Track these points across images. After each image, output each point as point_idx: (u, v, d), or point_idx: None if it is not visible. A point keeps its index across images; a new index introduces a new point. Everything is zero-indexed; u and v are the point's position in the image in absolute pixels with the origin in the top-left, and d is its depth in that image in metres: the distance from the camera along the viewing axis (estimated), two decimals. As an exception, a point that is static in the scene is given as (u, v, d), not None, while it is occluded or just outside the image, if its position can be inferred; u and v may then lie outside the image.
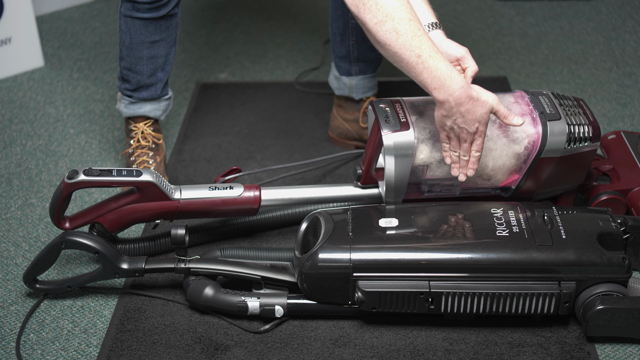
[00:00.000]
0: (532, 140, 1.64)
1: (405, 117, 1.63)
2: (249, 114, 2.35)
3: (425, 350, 1.54)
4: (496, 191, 1.72)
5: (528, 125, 1.64)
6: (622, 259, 1.53)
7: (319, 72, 2.58)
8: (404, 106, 1.66)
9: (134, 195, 1.65)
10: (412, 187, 1.68)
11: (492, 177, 1.68)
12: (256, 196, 1.71)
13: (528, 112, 1.66)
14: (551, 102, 1.68)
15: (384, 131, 1.61)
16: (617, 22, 2.86)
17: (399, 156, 1.62)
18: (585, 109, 1.71)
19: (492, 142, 1.64)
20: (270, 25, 2.90)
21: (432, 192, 1.69)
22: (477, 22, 2.88)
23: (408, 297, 1.53)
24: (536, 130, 1.64)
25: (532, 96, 1.69)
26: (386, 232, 1.57)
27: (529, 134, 1.64)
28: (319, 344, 1.56)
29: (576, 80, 2.50)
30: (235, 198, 1.70)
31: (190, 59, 2.67)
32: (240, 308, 1.59)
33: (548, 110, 1.65)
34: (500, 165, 1.66)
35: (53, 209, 1.65)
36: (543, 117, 1.64)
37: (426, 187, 1.68)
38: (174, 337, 1.58)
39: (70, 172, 1.61)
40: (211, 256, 1.69)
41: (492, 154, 1.65)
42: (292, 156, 2.14)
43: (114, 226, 1.67)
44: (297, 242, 1.62)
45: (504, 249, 1.53)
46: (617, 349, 1.55)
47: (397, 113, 1.65)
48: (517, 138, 1.64)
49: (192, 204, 1.68)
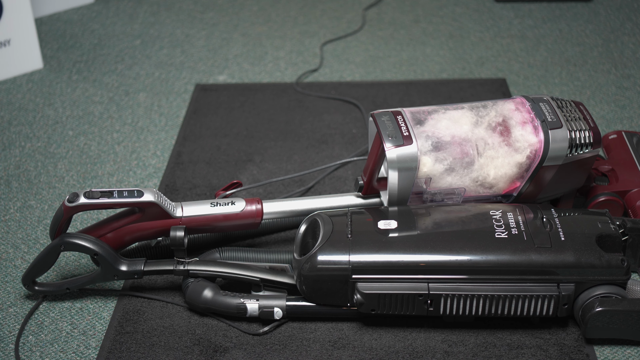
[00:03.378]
0: (534, 149, 1.64)
1: (407, 131, 1.63)
2: (248, 115, 2.35)
3: (424, 352, 1.54)
4: (497, 198, 1.72)
5: (530, 134, 1.64)
6: (620, 261, 1.53)
7: (318, 74, 2.58)
8: (405, 118, 1.66)
9: (135, 215, 1.65)
10: (415, 198, 1.68)
11: (494, 186, 1.68)
12: (258, 210, 1.71)
13: (529, 120, 1.66)
14: (552, 109, 1.67)
15: (387, 145, 1.61)
16: (616, 25, 2.86)
17: (402, 170, 1.62)
18: (585, 114, 1.71)
19: (494, 151, 1.65)
20: (269, 27, 2.90)
21: (434, 201, 1.69)
22: (476, 24, 2.88)
23: (407, 299, 1.53)
24: (538, 139, 1.64)
25: (532, 103, 1.69)
26: (385, 234, 1.57)
27: (531, 143, 1.64)
28: (318, 346, 1.56)
29: (575, 82, 2.51)
30: (238, 213, 1.70)
31: (189, 61, 2.67)
32: (239, 310, 1.59)
33: (549, 118, 1.65)
34: (502, 175, 1.66)
35: (53, 232, 1.65)
36: (545, 126, 1.64)
37: (429, 196, 1.68)
38: (172, 339, 1.58)
39: (70, 195, 1.60)
40: (210, 258, 1.69)
41: (494, 163, 1.65)
42: (291, 158, 2.14)
43: (115, 245, 1.67)
44: (296, 244, 1.62)
45: (502, 251, 1.53)
46: (615, 351, 1.55)
47: (399, 126, 1.64)
48: (519, 147, 1.64)
49: (194, 221, 1.68)
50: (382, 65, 2.64)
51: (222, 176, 2.06)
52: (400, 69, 2.61)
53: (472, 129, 1.66)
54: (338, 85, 2.50)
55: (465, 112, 1.68)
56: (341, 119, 2.32)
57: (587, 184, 1.83)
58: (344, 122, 2.30)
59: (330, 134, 2.25)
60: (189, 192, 2.01)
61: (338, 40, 2.80)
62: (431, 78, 2.54)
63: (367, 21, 2.93)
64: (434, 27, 2.88)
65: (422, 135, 1.63)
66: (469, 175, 1.65)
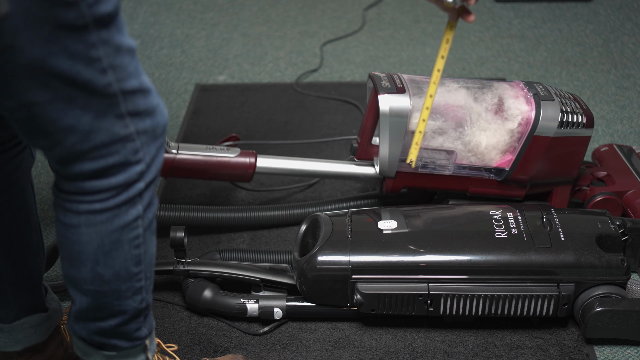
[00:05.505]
0: (525, 117, 1.67)
1: (402, 83, 1.69)
2: (248, 116, 2.35)
3: (424, 352, 1.54)
4: (490, 174, 1.73)
5: (522, 104, 1.68)
6: (620, 261, 1.53)
7: (318, 74, 2.58)
8: (402, 77, 1.73)
9: None
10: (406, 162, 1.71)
11: (486, 155, 1.70)
12: (251, 162, 1.75)
13: (522, 95, 1.70)
14: (545, 88, 1.72)
15: (380, 94, 1.65)
16: (616, 25, 2.86)
17: (394, 116, 1.65)
18: (579, 100, 1.75)
19: (487, 123, 1.68)
20: (269, 27, 2.90)
21: (425, 168, 1.71)
22: (476, 24, 2.89)
23: (407, 299, 1.53)
24: (530, 108, 1.67)
25: (526, 83, 1.74)
26: (385, 234, 1.57)
27: (522, 111, 1.68)
28: (318, 346, 1.56)
29: (575, 82, 2.51)
30: (230, 160, 1.72)
31: (189, 61, 2.67)
32: (239, 310, 1.59)
33: (542, 93, 1.69)
34: (494, 143, 1.69)
35: None
36: (537, 98, 1.68)
37: (420, 162, 1.71)
38: (173, 339, 1.58)
39: None
40: (210, 258, 1.69)
41: (486, 133, 1.68)
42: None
43: None
44: (296, 244, 1.62)
45: (502, 251, 1.53)
46: (615, 350, 1.55)
47: (394, 80, 1.71)
48: (510, 115, 1.68)
49: (187, 161, 1.68)
50: (382, 65, 2.64)
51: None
52: (400, 69, 2.61)
53: (468, 101, 1.69)
54: (338, 85, 2.51)
55: (462, 89, 1.71)
56: (341, 119, 2.32)
57: (583, 185, 1.83)
58: (344, 122, 2.30)
59: (330, 134, 2.25)
60: (189, 192, 2.01)
61: (338, 40, 2.80)
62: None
63: (367, 21, 2.93)
64: (434, 27, 2.89)
65: (418, 92, 1.68)
66: (461, 139, 1.68)
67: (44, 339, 1.39)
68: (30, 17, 0.92)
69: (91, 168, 1.05)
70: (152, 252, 1.16)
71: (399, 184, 1.73)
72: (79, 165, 1.04)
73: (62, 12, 0.94)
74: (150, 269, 1.17)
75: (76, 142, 1.03)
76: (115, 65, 1.01)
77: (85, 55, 0.98)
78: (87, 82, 0.99)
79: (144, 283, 1.16)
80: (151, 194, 1.11)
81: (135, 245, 1.12)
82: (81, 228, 1.09)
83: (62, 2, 0.93)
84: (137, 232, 1.11)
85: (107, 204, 1.07)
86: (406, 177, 1.72)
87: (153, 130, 1.07)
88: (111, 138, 1.04)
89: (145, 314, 1.20)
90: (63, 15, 0.94)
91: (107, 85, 1.01)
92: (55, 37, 0.95)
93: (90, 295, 1.14)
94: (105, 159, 1.05)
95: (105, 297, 1.14)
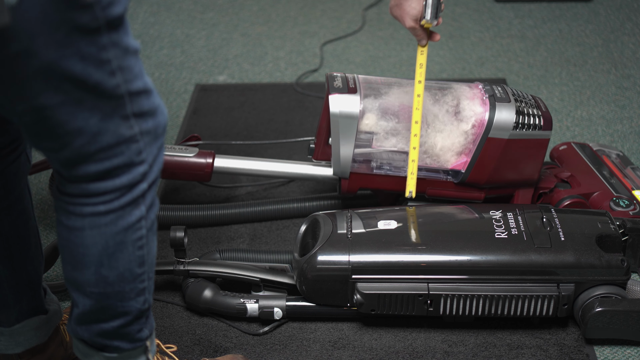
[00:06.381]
0: (479, 119, 1.68)
1: (354, 84, 1.71)
2: (248, 116, 2.35)
3: (424, 352, 1.54)
4: (447, 176, 1.73)
5: (477, 105, 1.69)
6: (620, 261, 1.53)
7: (318, 74, 2.58)
8: (356, 78, 1.74)
9: None
10: (361, 163, 1.71)
11: (441, 157, 1.71)
12: (208, 162, 1.78)
13: (479, 96, 1.71)
14: (504, 90, 1.72)
15: (330, 94, 1.67)
16: (616, 25, 2.86)
17: (344, 116, 1.67)
18: (540, 103, 1.75)
19: (442, 124, 1.69)
20: (269, 27, 2.90)
21: (381, 169, 1.72)
22: (476, 24, 2.89)
23: (407, 299, 1.53)
24: (484, 109, 1.68)
25: (486, 84, 1.75)
26: (385, 235, 1.57)
27: (477, 113, 1.68)
28: (318, 346, 1.56)
29: (575, 82, 2.51)
30: (188, 160, 1.75)
31: (189, 61, 2.67)
32: (239, 310, 1.59)
33: (498, 95, 1.70)
34: (449, 145, 1.70)
35: None
36: (492, 99, 1.68)
37: (375, 163, 1.71)
38: (173, 339, 1.58)
39: None
40: (210, 258, 1.69)
41: (441, 134, 1.69)
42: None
43: None
44: (296, 244, 1.62)
45: (502, 251, 1.53)
46: (615, 351, 1.55)
47: (348, 81, 1.72)
48: (464, 116, 1.69)
49: None
50: (382, 65, 2.64)
51: (221, 177, 2.05)
52: (400, 69, 2.61)
53: (425, 102, 1.69)
54: (338, 85, 2.50)
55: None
56: (341, 119, 2.32)
57: (549, 188, 1.81)
58: (344, 122, 2.30)
59: (330, 134, 2.24)
60: (189, 192, 2.01)
61: (338, 40, 2.80)
62: (431, 78, 2.54)
63: (367, 21, 2.93)
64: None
65: (371, 94, 1.69)
66: None
67: (44, 341, 1.39)
68: (46, 20, 0.93)
69: (96, 170, 1.05)
70: (154, 253, 1.16)
71: (355, 185, 1.74)
72: (85, 167, 1.04)
73: (77, 14, 0.94)
74: (152, 270, 1.17)
75: (84, 144, 1.03)
76: (124, 67, 1.01)
77: (96, 58, 0.98)
78: (97, 84, 0.99)
79: (146, 284, 1.16)
80: (153, 194, 1.11)
81: (139, 247, 1.12)
82: (85, 231, 1.09)
83: (78, 4, 0.94)
84: (141, 233, 1.11)
85: (112, 206, 1.07)
86: (361, 179, 1.73)
87: (155, 130, 1.07)
88: (117, 139, 1.04)
89: (147, 315, 1.20)
90: (78, 17, 0.94)
91: (115, 87, 1.01)
92: (69, 39, 0.95)
93: (93, 297, 1.14)
94: (111, 160, 1.05)
95: (109, 298, 1.14)
